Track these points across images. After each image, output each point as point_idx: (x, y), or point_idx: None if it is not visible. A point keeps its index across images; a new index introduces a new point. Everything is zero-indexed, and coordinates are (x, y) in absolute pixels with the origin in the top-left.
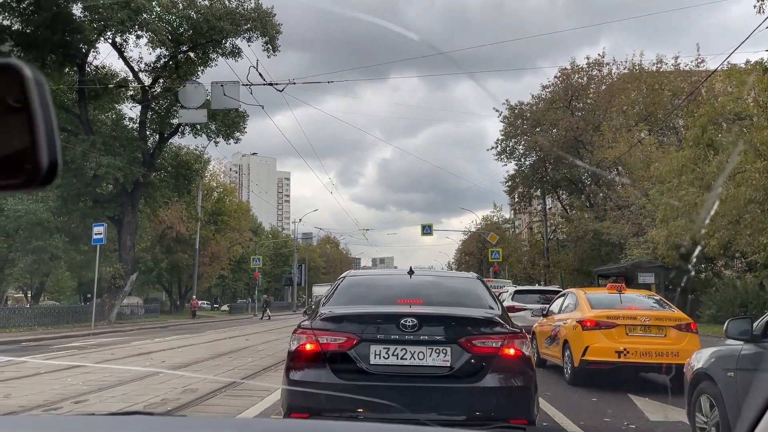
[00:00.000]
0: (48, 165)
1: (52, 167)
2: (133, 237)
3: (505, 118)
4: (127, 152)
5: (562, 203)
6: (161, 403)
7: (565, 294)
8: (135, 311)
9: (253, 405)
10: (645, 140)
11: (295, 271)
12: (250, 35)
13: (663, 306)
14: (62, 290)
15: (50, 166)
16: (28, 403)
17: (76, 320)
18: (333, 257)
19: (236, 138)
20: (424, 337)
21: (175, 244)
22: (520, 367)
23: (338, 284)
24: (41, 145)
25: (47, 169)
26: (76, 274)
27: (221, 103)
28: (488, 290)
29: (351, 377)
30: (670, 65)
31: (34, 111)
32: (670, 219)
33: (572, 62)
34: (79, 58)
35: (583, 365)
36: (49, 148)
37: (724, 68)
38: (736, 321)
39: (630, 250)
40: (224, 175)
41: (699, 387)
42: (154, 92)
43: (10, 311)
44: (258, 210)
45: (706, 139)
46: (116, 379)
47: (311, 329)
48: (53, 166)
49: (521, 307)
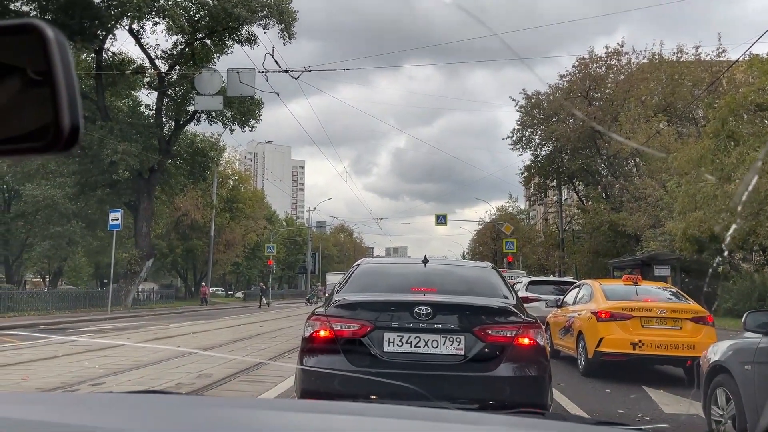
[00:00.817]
0: (70, 128)
1: (74, 131)
2: (149, 223)
3: (521, 108)
4: (143, 139)
5: (578, 194)
6: (176, 387)
7: (580, 285)
8: (150, 297)
9: (267, 390)
10: (664, 131)
11: (309, 259)
12: (266, 22)
13: (679, 298)
14: (79, 275)
15: (72, 130)
16: (45, 385)
17: (92, 305)
18: (347, 246)
19: (251, 126)
20: (438, 325)
21: (190, 231)
22: (535, 356)
23: (352, 272)
24: (63, 108)
25: (69, 132)
26: (93, 259)
27: (237, 90)
28: (503, 280)
29: (364, 364)
30: (691, 55)
31: (56, 74)
32: (688, 211)
33: (590, 51)
34: (96, 45)
35: (598, 356)
36: (71, 111)
37: (746, 58)
38: (755, 314)
39: (646, 242)
40: (239, 162)
41: (715, 380)
42: (171, 79)
43: (29, 295)
44: (272, 198)
45: (726, 130)
46: (132, 363)
47: (326, 316)
48: (75, 129)
49: (535, 297)
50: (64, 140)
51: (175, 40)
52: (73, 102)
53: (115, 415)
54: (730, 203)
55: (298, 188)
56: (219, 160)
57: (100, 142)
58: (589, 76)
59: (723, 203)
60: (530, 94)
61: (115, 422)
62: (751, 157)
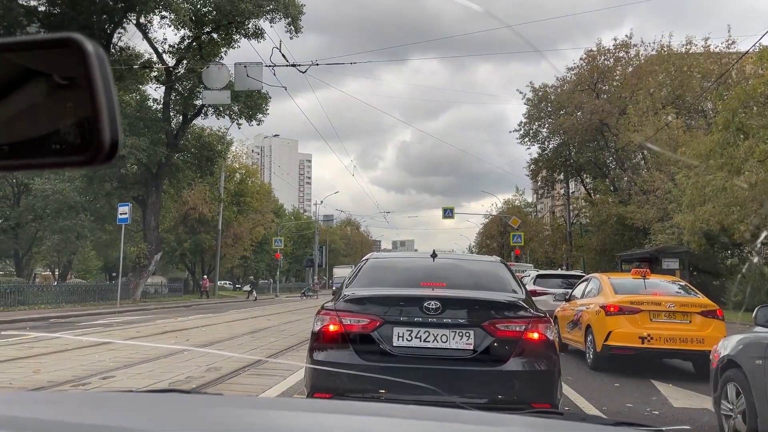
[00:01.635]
0: (110, 142)
1: (114, 144)
2: (157, 217)
3: (528, 101)
4: (151, 133)
5: (586, 187)
6: (186, 381)
7: (588, 279)
8: (159, 290)
9: (276, 384)
10: (672, 124)
11: (316, 252)
12: (273, 16)
13: (688, 292)
14: (89, 269)
15: (112, 143)
16: (57, 379)
17: (102, 298)
18: (353, 239)
19: (259, 120)
20: (447, 320)
21: (198, 225)
22: (544, 351)
23: (361, 266)
24: (104, 121)
25: (110, 145)
26: (102, 253)
27: (244, 84)
28: (511, 274)
29: (374, 358)
30: (700, 47)
31: (96, 87)
32: (696, 204)
33: (598, 44)
34: (104, 39)
35: (606, 350)
36: (110, 124)
37: (756, 50)
38: (766, 308)
39: (654, 235)
40: (246, 156)
41: (725, 374)
42: (178, 73)
43: (39, 288)
44: (280, 192)
45: (736, 122)
46: (142, 357)
47: (335, 310)
48: (114, 142)
49: (543, 291)
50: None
51: (182, 34)
52: (112, 116)
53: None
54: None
55: (305, 182)
56: (226, 154)
57: None
58: (597, 68)
59: (732, 196)
60: (537, 87)
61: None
62: (760, 149)
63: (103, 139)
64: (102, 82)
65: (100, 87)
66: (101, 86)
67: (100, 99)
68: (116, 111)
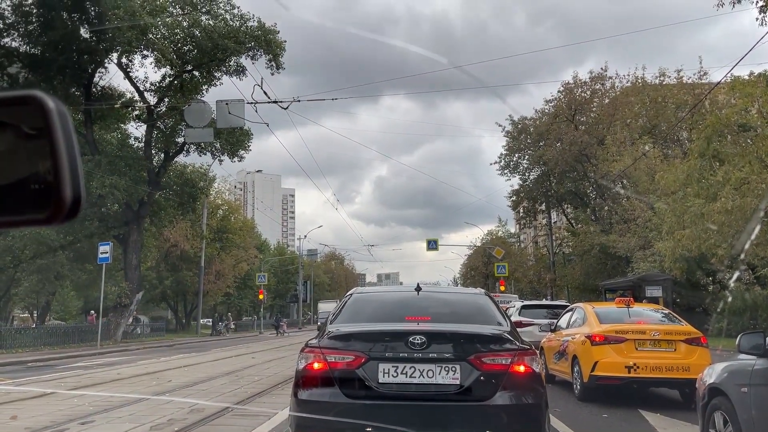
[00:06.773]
0: (72, 199)
1: (76, 201)
2: (139, 256)
3: (508, 133)
4: (132, 171)
5: (567, 217)
6: (168, 424)
7: (573, 309)
8: (141, 330)
9: (260, 425)
10: (649, 153)
11: (300, 287)
12: (254, 53)
13: (672, 320)
14: (68, 310)
15: (74, 201)
16: (35, 425)
17: (82, 340)
18: (338, 273)
19: (241, 156)
20: (433, 354)
21: (179, 262)
22: (531, 384)
23: (345, 301)
24: (65, 178)
25: (71, 203)
26: (82, 293)
27: (226, 121)
28: (496, 306)
29: (360, 396)
30: (673, 78)
31: (57, 144)
32: (675, 230)
33: (575, 76)
34: (85, 79)
35: (593, 381)
36: (72, 181)
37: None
38: (748, 335)
39: (637, 263)
40: (229, 192)
41: (712, 403)
42: (160, 111)
43: (16, 331)
44: (263, 227)
45: (711, 150)
46: (122, 400)
47: (319, 347)
48: (77, 200)
49: (528, 322)
50: (66, 211)
51: (163, 72)
52: (75, 172)
53: None
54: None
55: (288, 216)
56: (209, 190)
57: (88, 175)
58: (574, 100)
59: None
60: (516, 120)
61: None
62: (736, 176)
63: (65, 196)
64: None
65: (62, 144)
66: (63, 143)
67: (62, 156)
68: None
